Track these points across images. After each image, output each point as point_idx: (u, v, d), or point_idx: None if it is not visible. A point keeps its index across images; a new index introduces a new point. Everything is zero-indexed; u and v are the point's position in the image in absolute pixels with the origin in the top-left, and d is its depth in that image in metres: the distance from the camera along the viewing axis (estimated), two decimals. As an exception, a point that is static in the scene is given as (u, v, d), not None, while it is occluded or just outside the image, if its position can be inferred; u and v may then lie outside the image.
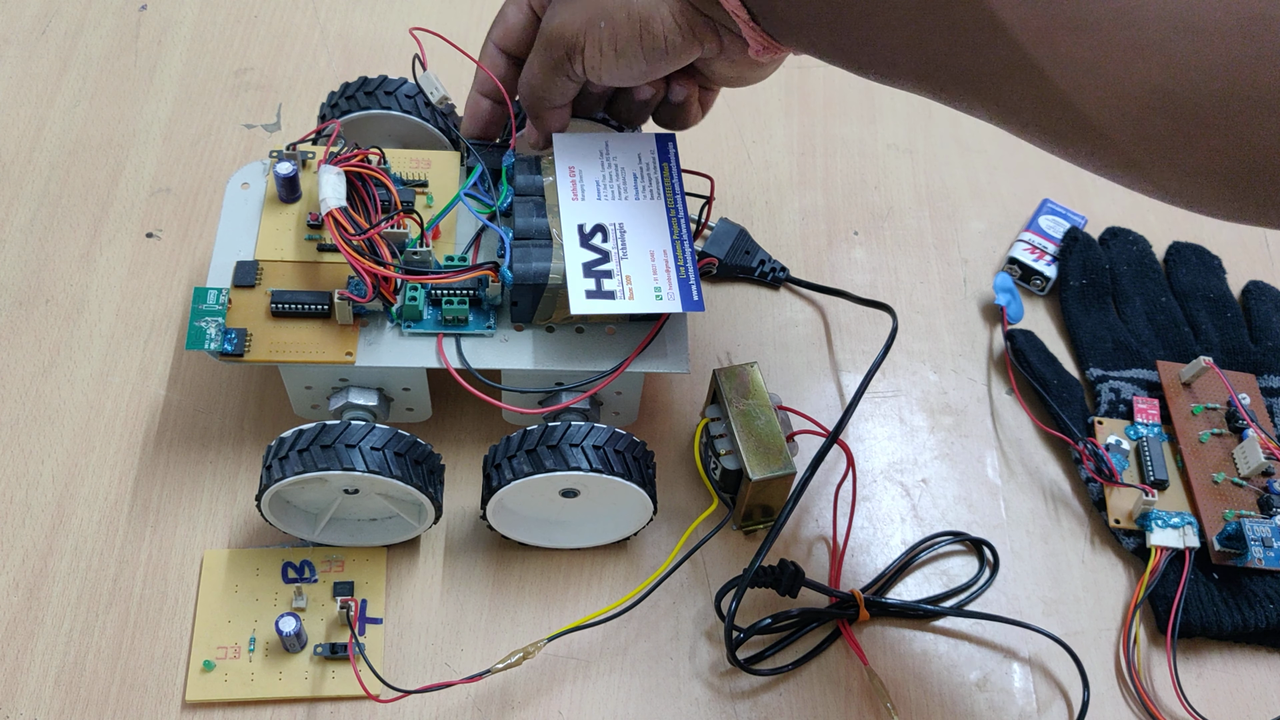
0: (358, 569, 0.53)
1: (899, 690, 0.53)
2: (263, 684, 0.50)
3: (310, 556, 0.53)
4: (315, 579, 0.52)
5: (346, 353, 0.50)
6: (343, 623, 0.51)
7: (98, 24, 0.73)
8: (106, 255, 0.63)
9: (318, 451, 0.47)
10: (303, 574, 0.52)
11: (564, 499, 0.51)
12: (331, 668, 0.50)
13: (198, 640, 0.51)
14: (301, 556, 0.53)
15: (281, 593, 0.52)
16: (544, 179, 0.52)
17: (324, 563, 0.53)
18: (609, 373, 0.50)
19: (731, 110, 0.72)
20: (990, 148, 0.72)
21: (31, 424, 0.57)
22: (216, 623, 0.51)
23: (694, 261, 0.50)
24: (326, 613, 0.52)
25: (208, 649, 0.50)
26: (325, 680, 0.50)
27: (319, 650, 0.50)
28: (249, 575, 0.52)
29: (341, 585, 0.52)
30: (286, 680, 0.50)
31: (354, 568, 0.53)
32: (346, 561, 0.53)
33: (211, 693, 0.49)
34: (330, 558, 0.53)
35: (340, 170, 0.51)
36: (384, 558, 0.53)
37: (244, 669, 0.50)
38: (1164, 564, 0.54)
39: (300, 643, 0.50)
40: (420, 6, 0.76)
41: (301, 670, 0.50)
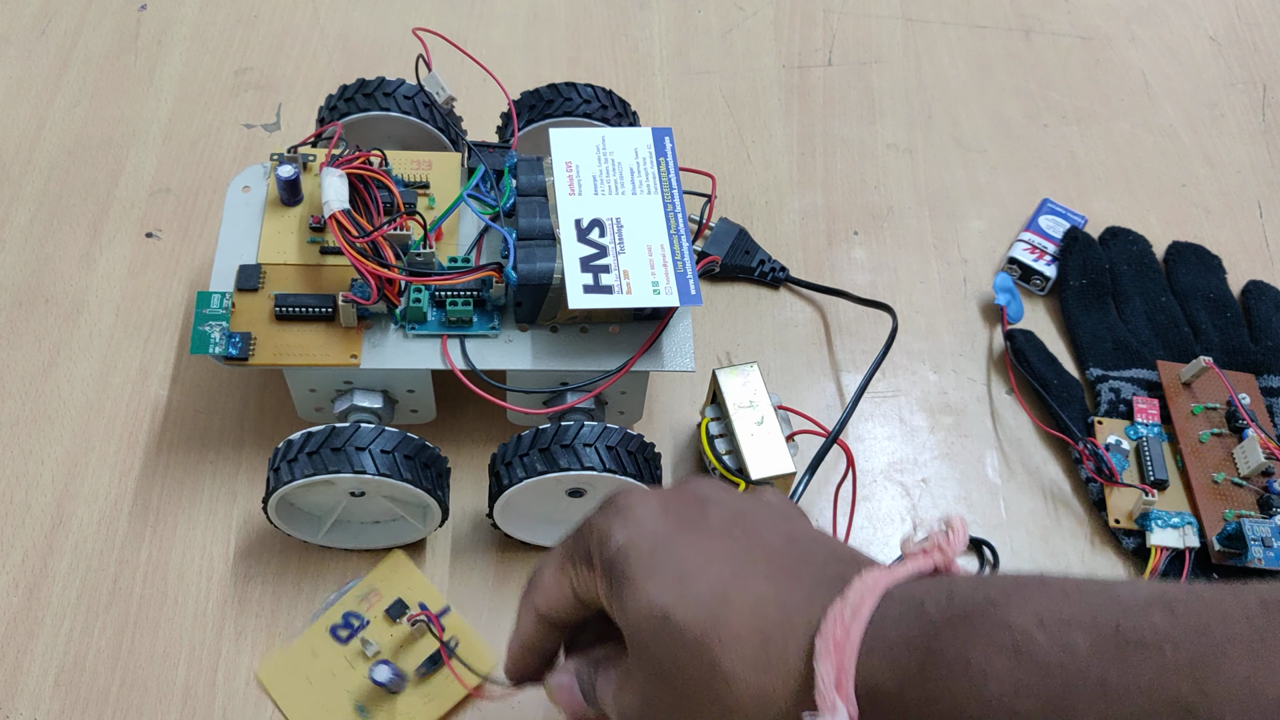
0: (392, 584, 0.52)
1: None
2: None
3: (346, 607, 0.51)
4: (367, 621, 0.51)
5: (351, 355, 0.50)
6: (424, 634, 0.50)
7: (97, 24, 0.73)
8: (106, 255, 0.63)
9: (327, 454, 0.47)
10: (352, 625, 0.51)
11: (570, 498, 0.51)
12: (441, 678, 0.50)
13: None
14: (340, 612, 0.51)
15: (348, 653, 0.50)
16: (546, 179, 0.52)
17: (360, 602, 0.51)
18: (613, 372, 0.50)
19: (731, 110, 0.72)
20: (990, 148, 0.72)
21: (31, 424, 0.57)
22: (319, 718, 0.49)
23: (691, 256, 0.50)
24: (399, 638, 0.51)
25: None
26: (444, 691, 0.49)
27: (420, 671, 0.49)
28: (309, 661, 0.50)
29: (393, 608, 0.51)
30: (413, 716, 0.49)
31: (389, 586, 0.52)
32: (379, 586, 0.52)
33: None
34: (362, 595, 0.52)
35: (342, 172, 0.51)
36: (405, 558, 0.53)
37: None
38: (1164, 564, 0.55)
39: (402, 679, 0.49)
40: (420, 6, 0.76)
41: (419, 700, 0.49)
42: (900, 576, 0.32)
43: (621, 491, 0.36)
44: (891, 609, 0.31)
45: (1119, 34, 0.78)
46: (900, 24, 0.78)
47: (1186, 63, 0.77)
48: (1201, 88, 0.76)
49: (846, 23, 0.77)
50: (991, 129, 0.73)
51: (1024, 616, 0.29)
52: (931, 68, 0.75)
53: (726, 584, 0.33)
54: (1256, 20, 0.80)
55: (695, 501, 0.36)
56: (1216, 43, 0.78)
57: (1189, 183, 0.71)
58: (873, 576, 0.32)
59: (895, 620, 0.31)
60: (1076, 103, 0.74)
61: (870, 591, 0.31)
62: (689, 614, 0.32)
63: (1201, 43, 0.78)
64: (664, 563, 0.34)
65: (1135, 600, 0.29)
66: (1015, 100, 0.74)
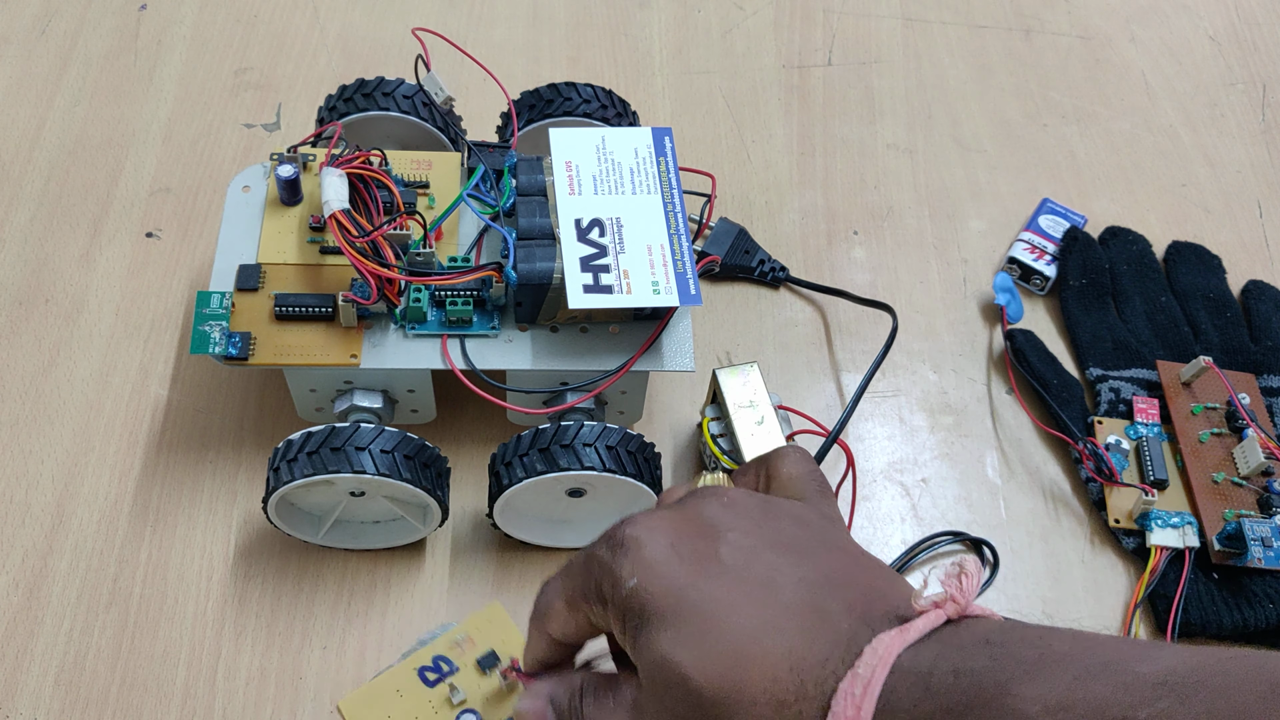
0: (488, 635, 0.50)
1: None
2: None
3: (436, 650, 0.50)
4: (457, 668, 0.49)
5: (351, 355, 0.50)
6: (514, 690, 0.49)
7: (97, 24, 0.73)
8: (106, 255, 0.63)
9: (327, 454, 0.47)
10: (441, 669, 0.49)
11: (570, 498, 0.51)
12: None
13: None
14: (430, 655, 0.50)
15: (434, 697, 0.49)
16: (546, 178, 0.52)
17: (453, 647, 0.50)
18: (613, 372, 0.50)
19: (731, 110, 0.72)
20: (990, 147, 0.72)
21: (31, 424, 0.57)
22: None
23: (691, 256, 0.50)
24: (487, 690, 0.49)
25: None
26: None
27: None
28: (393, 699, 0.49)
29: (486, 658, 0.50)
30: None
31: (484, 636, 0.50)
32: (473, 634, 0.50)
33: None
34: (455, 639, 0.50)
35: (342, 172, 0.51)
36: (503, 611, 0.51)
37: None
38: (1164, 564, 0.55)
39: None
40: (420, 6, 0.76)
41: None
42: (912, 638, 0.31)
43: (625, 522, 0.35)
44: (901, 684, 0.31)
45: (1119, 34, 0.78)
46: (900, 24, 0.78)
47: (1186, 63, 0.77)
48: (1201, 88, 0.76)
49: (846, 23, 0.77)
50: (991, 129, 0.73)
51: (1032, 705, 0.28)
52: (931, 68, 0.75)
53: (744, 644, 0.32)
54: (1256, 20, 0.80)
55: (707, 533, 0.35)
56: (1216, 43, 0.78)
57: (1189, 183, 0.71)
58: (885, 643, 0.31)
59: (904, 696, 0.30)
60: (1076, 103, 0.74)
61: (882, 664, 0.31)
62: (706, 674, 0.32)
63: (1201, 43, 0.78)
64: (680, 613, 0.33)
65: (1146, 682, 0.28)
66: (1015, 100, 0.74)
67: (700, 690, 0.32)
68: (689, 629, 0.33)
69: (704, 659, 0.32)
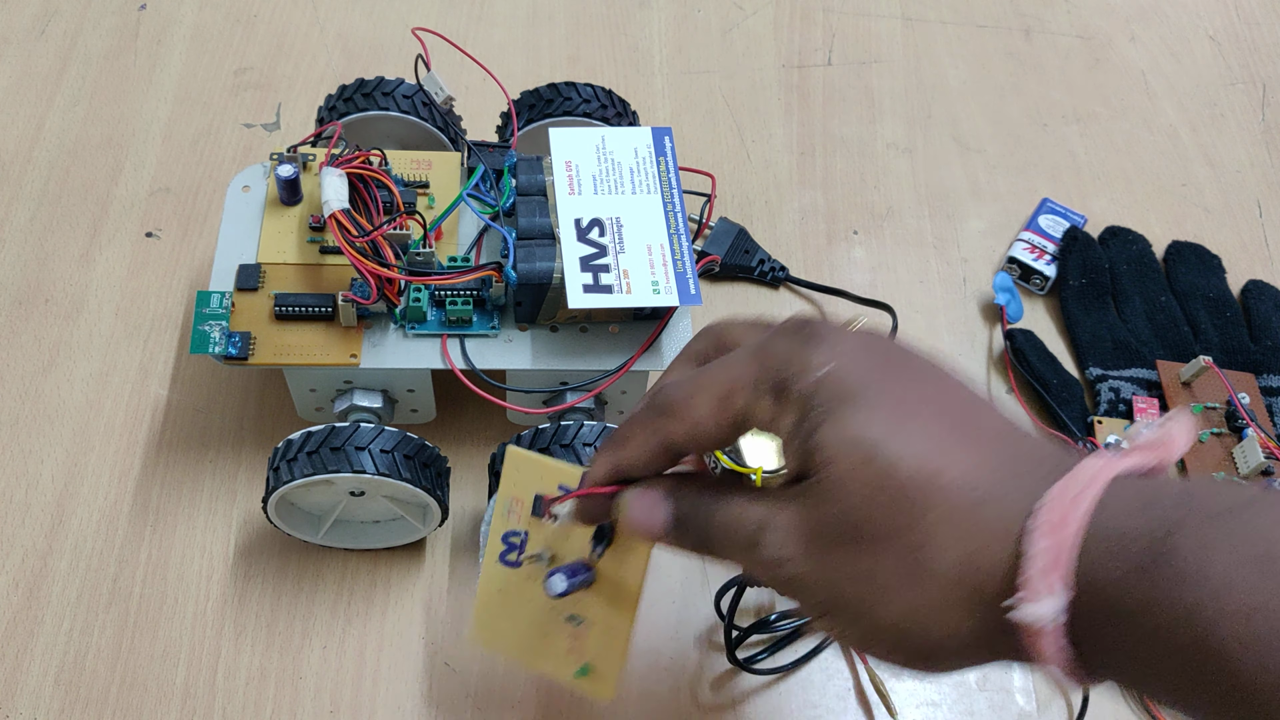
0: (524, 484, 0.43)
1: (899, 690, 0.53)
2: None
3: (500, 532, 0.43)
4: (525, 533, 0.43)
5: (351, 355, 0.50)
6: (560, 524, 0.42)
7: (97, 24, 0.73)
8: (106, 255, 0.63)
9: (327, 454, 0.47)
10: (514, 544, 0.43)
11: (569, 500, 0.51)
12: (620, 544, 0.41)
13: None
14: (498, 540, 0.43)
15: (531, 574, 0.43)
16: (546, 178, 0.52)
17: (509, 517, 0.43)
18: (613, 372, 0.50)
19: (731, 110, 0.72)
20: (990, 147, 0.72)
21: (31, 424, 0.57)
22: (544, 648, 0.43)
23: (691, 255, 0.50)
24: (559, 531, 0.42)
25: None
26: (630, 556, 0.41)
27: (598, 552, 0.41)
28: (503, 602, 0.44)
29: (535, 507, 0.42)
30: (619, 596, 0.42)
31: (522, 488, 0.43)
32: (514, 493, 0.43)
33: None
34: (506, 511, 0.43)
35: (342, 172, 0.51)
36: (519, 452, 0.43)
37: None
38: (1164, 564, 0.54)
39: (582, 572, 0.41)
40: (420, 6, 0.76)
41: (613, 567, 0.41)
42: (1125, 467, 0.29)
43: (812, 318, 0.33)
44: (1122, 496, 0.28)
45: (1119, 34, 0.78)
46: (900, 24, 0.78)
47: (1186, 63, 0.77)
48: (1201, 88, 0.76)
49: (846, 23, 0.77)
50: (991, 129, 0.73)
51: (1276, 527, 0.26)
52: (931, 68, 0.75)
53: (943, 435, 0.30)
54: (1256, 20, 0.80)
55: (895, 347, 0.32)
56: (1216, 42, 0.78)
57: (1189, 182, 0.71)
58: (1099, 462, 0.29)
59: (1125, 510, 0.28)
60: (1076, 103, 0.74)
61: (1099, 476, 0.28)
62: (901, 454, 0.29)
63: (1201, 43, 0.78)
64: (876, 398, 0.30)
65: None
66: (1015, 100, 0.74)
67: (892, 467, 0.29)
68: (885, 413, 0.30)
69: (899, 438, 0.30)
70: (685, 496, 0.35)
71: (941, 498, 0.29)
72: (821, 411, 0.31)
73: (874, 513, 0.30)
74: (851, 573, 0.30)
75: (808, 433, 0.31)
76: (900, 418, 0.30)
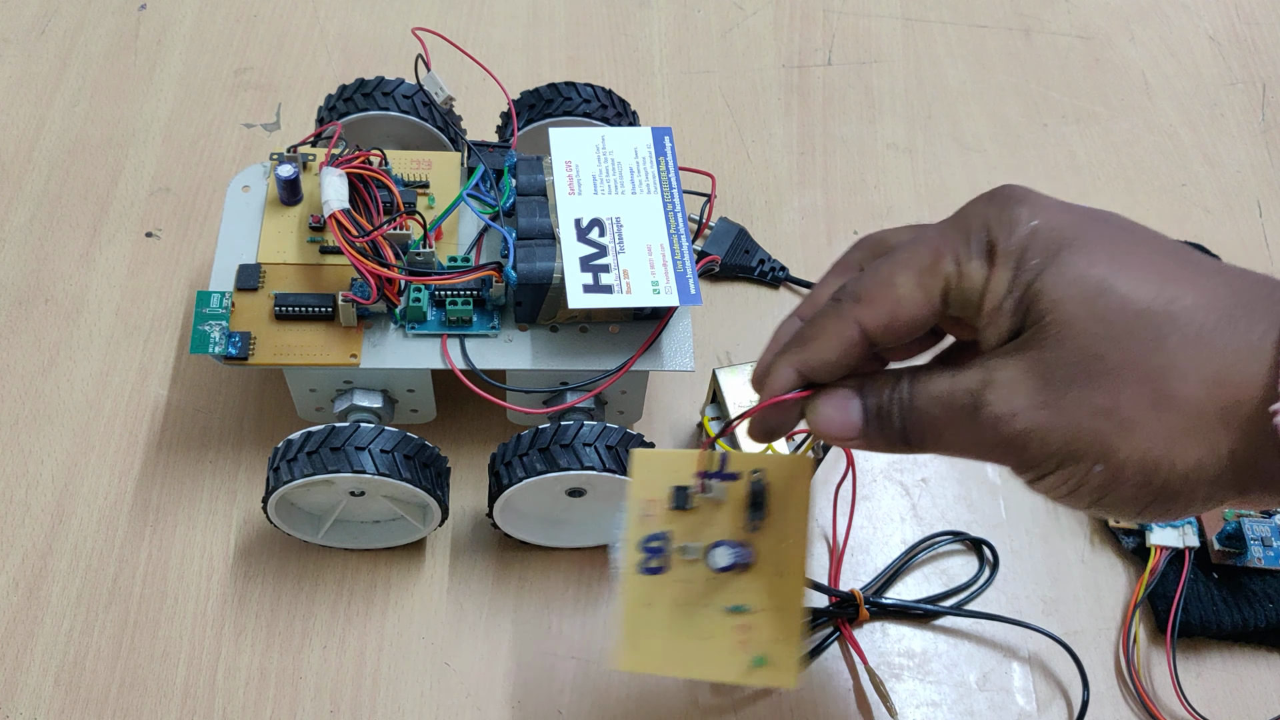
0: (657, 483, 0.42)
1: (899, 690, 0.53)
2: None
3: (636, 539, 0.41)
4: (666, 533, 0.41)
5: (351, 355, 0.50)
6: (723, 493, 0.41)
7: (97, 24, 0.73)
8: (106, 255, 0.63)
9: (327, 454, 0.47)
10: (655, 549, 0.41)
11: (570, 498, 0.51)
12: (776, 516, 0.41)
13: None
14: (636, 549, 0.41)
15: (677, 577, 0.41)
16: (546, 178, 0.52)
17: (646, 522, 0.41)
18: (613, 372, 0.50)
19: (731, 110, 0.72)
20: (990, 147, 0.72)
21: (31, 424, 0.57)
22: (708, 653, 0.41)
23: (691, 255, 0.50)
24: (705, 519, 0.41)
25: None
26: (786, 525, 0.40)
27: (753, 524, 0.40)
28: (651, 614, 0.41)
29: (676, 498, 0.41)
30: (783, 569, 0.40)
31: (656, 486, 0.42)
32: (648, 495, 0.41)
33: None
34: (642, 515, 0.41)
35: (342, 172, 0.51)
36: (646, 453, 0.42)
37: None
38: (1164, 563, 0.55)
39: (746, 548, 0.40)
40: (420, 6, 0.76)
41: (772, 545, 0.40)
42: None
43: (1004, 186, 0.33)
44: None
45: (1119, 34, 0.78)
46: (900, 24, 0.78)
47: (1186, 62, 0.77)
48: (1201, 87, 0.76)
49: (846, 23, 0.77)
50: (991, 129, 0.73)
51: None
52: (931, 67, 0.75)
53: (1168, 268, 0.30)
54: (1256, 20, 0.80)
55: (1092, 208, 0.33)
56: (1216, 42, 0.78)
57: (1189, 182, 0.71)
58: None
59: None
60: (1076, 103, 0.74)
61: None
62: (1131, 286, 0.29)
63: (1201, 42, 0.78)
64: (1094, 242, 0.30)
65: None
66: (1015, 100, 0.74)
67: (1129, 300, 0.29)
68: (1104, 253, 0.30)
69: (1129, 275, 0.30)
70: (879, 386, 0.34)
71: (1180, 323, 0.29)
72: (1040, 261, 0.31)
73: (1110, 345, 0.29)
74: (1091, 409, 0.30)
75: (1027, 282, 0.31)
76: (1121, 256, 0.30)
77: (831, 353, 0.34)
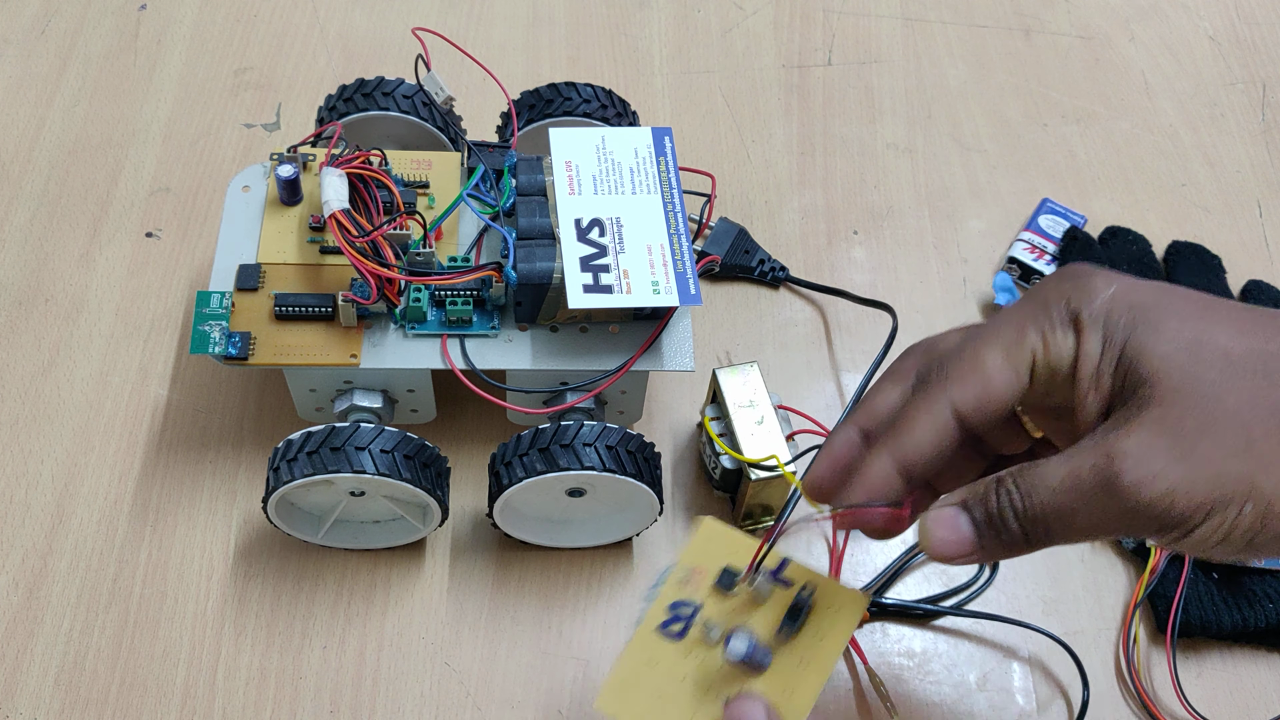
0: (713, 555, 0.42)
1: (899, 690, 0.53)
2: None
3: (668, 600, 0.42)
4: (698, 605, 0.42)
5: (351, 355, 0.50)
6: (769, 593, 0.41)
7: (97, 24, 0.73)
8: (106, 255, 0.63)
9: (327, 454, 0.47)
10: (682, 615, 0.42)
11: (569, 498, 0.52)
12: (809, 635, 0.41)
13: None
14: (664, 606, 0.41)
15: (688, 647, 0.41)
16: (546, 178, 0.52)
17: (684, 586, 0.42)
18: (613, 372, 0.50)
19: (731, 110, 0.72)
20: (990, 147, 0.72)
21: (31, 424, 0.57)
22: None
23: (691, 255, 0.50)
24: (739, 606, 0.41)
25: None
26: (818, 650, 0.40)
27: (783, 634, 0.40)
28: (650, 674, 0.41)
29: (722, 578, 0.42)
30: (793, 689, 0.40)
31: (710, 558, 0.42)
32: (699, 563, 0.42)
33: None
34: (683, 579, 0.42)
35: (342, 172, 0.51)
36: (718, 523, 0.43)
37: None
38: (1164, 563, 0.55)
39: (766, 650, 0.40)
40: (420, 6, 0.76)
41: (792, 665, 0.41)
42: None
43: (1073, 264, 0.35)
44: None
45: (1119, 34, 0.78)
46: (900, 24, 0.78)
47: (1186, 62, 0.77)
48: (1201, 87, 0.76)
49: (846, 22, 0.77)
50: (991, 129, 0.73)
51: None
52: (931, 68, 0.75)
53: (1250, 321, 0.31)
54: (1256, 20, 0.80)
55: (1158, 281, 0.34)
56: (1216, 42, 0.78)
57: (1189, 182, 0.71)
58: None
59: None
60: (1076, 102, 0.74)
61: None
62: (1229, 335, 0.31)
63: (1201, 42, 0.78)
64: (1176, 301, 0.32)
65: None
66: (1015, 100, 0.74)
67: (1232, 347, 0.31)
68: (1190, 311, 0.32)
69: (1222, 327, 0.31)
70: (982, 495, 0.33)
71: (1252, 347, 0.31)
72: (1128, 322, 0.32)
73: (1227, 390, 0.30)
74: (1226, 452, 0.30)
75: (1122, 342, 0.32)
76: (1206, 313, 0.32)
77: (927, 441, 0.34)
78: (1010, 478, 0.33)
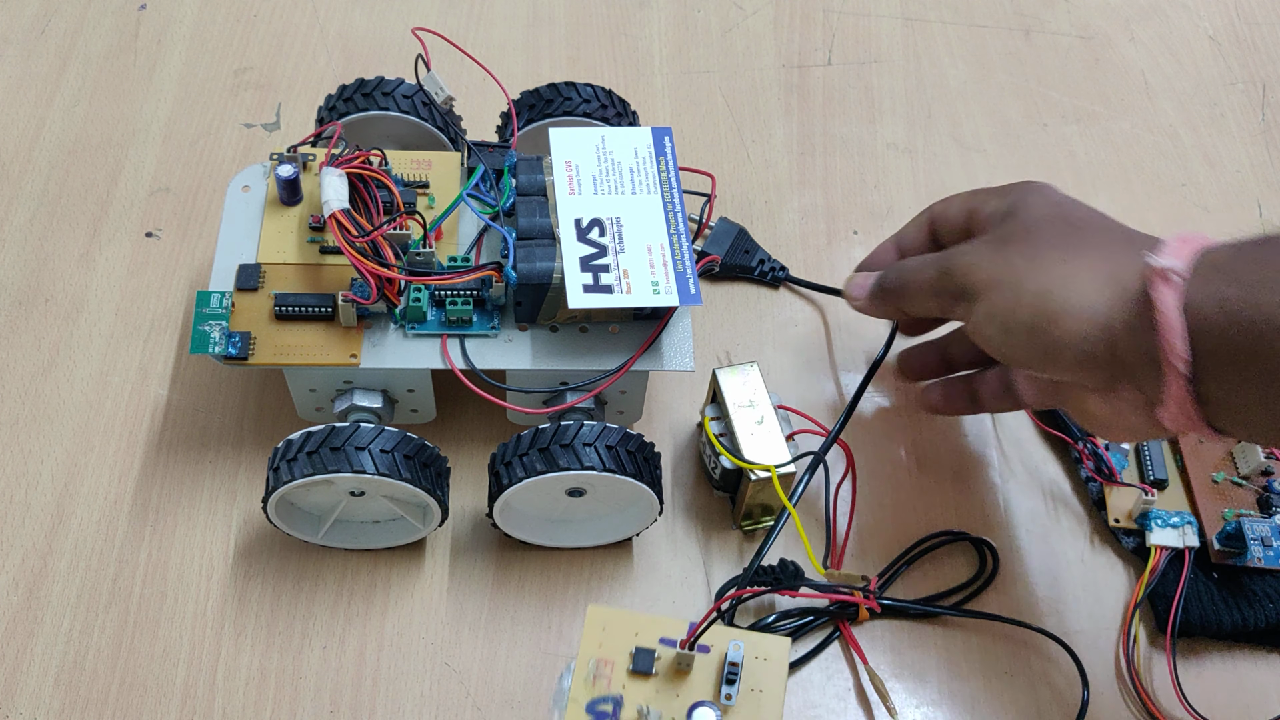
0: (614, 641, 0.42)
1: (899, 690, 0.53)
2: None
3: (584, 703, 0.42)
4: (619, 697, 0.42)
5: (351, 355, 0.50)
6: (690, 660, 0.42)
7: (97, 24, 0.73)
8: (106, 255, 0.63)
9: (327, 454, 0.47)
10: (606, 712, 0.41)
11: (569, 498, 0.51)
12: (747, 695, 0.42)
13: None
14: (580, 711, 0.41)
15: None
16: (546, 178, 0.52)
17: (596, 683, 0.42)
18: (613, 372, 0.50)
19: (731, 110, 0.72)
20: (990, 147, 0.72)
21: (31, 424, 0.57)
22: None
23: (691, 255, 0.50)
24: (666, 682, 0.42)
25: None
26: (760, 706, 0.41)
27: (727, 698, 0.42)
28: None
29: (637, 662, 0.42)
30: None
31: (612, 645, 0.42)
32: (603, 654, 0.42)
33: None
34: (588, 675, 0.42)
35: (342, 172, 0.51)
36: (602, 610, 0.43)
37: None
38: (1164, 563, 0.55)
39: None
40: (420, 6, 0.76)
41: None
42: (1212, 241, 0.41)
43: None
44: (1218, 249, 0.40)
45: (1119, 34, 0.78)
46: (900, 24, 0.78)
47: (1186, 62, 0.77)
48: (1201, 87, 0.76)
49: (846, 22, 0.77)
50: (991, 129, 0.73)
51: None
52: (931, 67, 0.75)
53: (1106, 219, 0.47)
54: (1256, 20, 0.80)
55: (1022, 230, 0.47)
56: (1216, 42, 0.78)
57: (1189, 182, 0.71)
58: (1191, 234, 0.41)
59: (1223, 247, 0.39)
60: (1076, 102, 0.74)
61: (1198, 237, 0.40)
62: (1082, 212, 0.47)
63: (1201, 43, 0.78)
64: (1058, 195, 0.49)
65: None
66: (1015, 100, 0.74)
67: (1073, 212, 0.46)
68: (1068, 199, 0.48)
69: (1080, 209, 0.47)
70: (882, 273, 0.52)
71: (1099, 229, 0.45)
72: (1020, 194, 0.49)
73: (1048, 227, 0.45)
74: (1018, 252, 0.44)
75: (1012, 202, 0.49)
76: (1076, 203, 0.48)
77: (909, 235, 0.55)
78: (960, 380, 0.55)
